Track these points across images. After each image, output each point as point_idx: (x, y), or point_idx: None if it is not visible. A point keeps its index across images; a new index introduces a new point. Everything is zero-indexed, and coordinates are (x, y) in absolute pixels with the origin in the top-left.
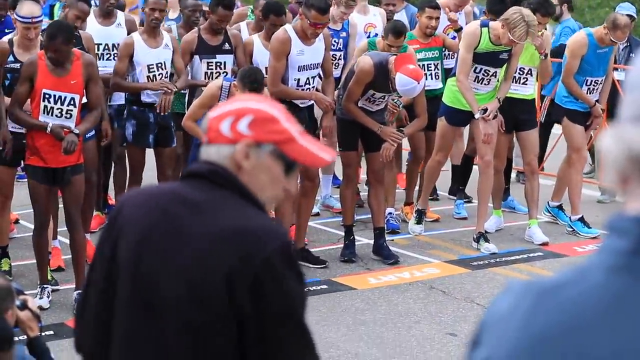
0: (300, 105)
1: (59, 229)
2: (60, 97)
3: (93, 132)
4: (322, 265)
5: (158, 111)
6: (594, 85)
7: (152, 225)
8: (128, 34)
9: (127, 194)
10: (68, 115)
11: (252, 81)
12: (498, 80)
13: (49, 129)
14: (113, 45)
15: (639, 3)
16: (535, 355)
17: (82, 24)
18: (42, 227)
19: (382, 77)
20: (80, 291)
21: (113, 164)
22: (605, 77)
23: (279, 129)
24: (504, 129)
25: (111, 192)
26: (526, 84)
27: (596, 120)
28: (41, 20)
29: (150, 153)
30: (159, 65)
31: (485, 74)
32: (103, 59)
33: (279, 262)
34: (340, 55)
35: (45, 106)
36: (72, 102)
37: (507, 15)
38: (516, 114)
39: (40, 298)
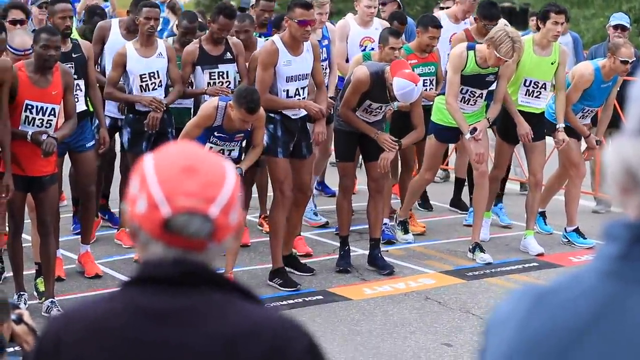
0: (292, 117)
1: (61, 239)
2: (42, 107)
3: (93, 142)
4: (310, 274)
5: (146, 129)
6: (589, 113)
7: None
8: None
9: (60, 321)
10: (48, 125)
11: (249, 101)
12: (484, 100)
13: (29, 137)
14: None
15: (634, 13)
16: (529, 356)
17: (71, 21)
18: (17, 233)
19: (378, 87)
20: (52, 299)
21: (120, 174)
22: (605, 108)
23: None
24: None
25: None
26: (539, 98)
27: (590, 152)
28: (32, 51)
29: None
30: (152, 74)
31: (472, 95)
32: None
33: None
34: (326, 65)
35: (27, 116)
36: (52, 112)
37: (492, 34)
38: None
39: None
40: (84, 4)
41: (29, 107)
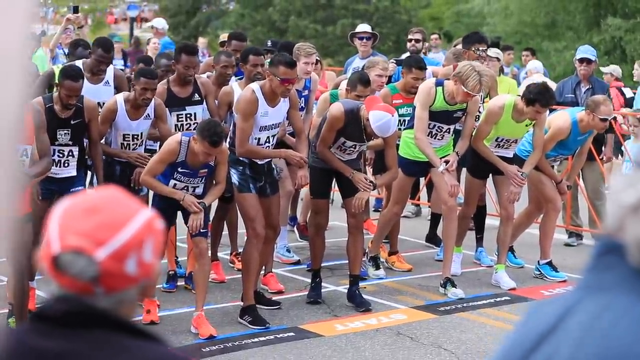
0: (259, 162)
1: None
2: None
3: (83, 187)
4: (276, 307)
5: (132, 185)
6: (561, 160)
7: None
8: (116, 89)
9: None
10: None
11: (212, 134)
12: (451, 135)
13: None
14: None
15: (605, 45)
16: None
17: (75, 99)
18: None
19: (353, 124)
20: None
21: None
22: (579, 154)
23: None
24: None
25: None
26: (508, 149)
27: (562, 197)
28: None
29: None
30: (135, 136)
31: (439, 130)
32: None
33: None
34: (302, 114)
35: None
36: (24, 153)
37: (458, 69)
38: (492, 164)
39: None
40: (57, 40)
41: None
